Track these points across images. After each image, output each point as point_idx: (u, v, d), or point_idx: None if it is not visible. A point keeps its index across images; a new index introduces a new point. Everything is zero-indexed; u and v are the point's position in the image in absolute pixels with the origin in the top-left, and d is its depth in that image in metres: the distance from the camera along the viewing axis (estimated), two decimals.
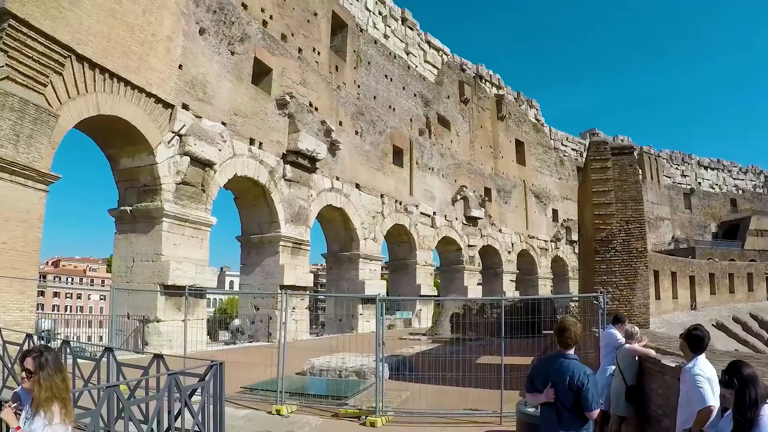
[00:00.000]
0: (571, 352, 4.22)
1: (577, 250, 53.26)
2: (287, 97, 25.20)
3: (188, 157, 19.63)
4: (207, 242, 20.54)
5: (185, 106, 20.02)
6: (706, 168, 69.64)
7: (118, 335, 17.16)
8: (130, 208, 19.17)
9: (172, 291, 18.20)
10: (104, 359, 7.99)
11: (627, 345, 6.78)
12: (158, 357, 7.01)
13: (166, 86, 19.26)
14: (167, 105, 19.33)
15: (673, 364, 5.77)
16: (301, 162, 25.70)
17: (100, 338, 27.90)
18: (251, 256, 25.33)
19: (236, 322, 24.82)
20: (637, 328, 7.13)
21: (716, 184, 69.23)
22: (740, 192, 71.77)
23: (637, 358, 6.82)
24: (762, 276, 35.99)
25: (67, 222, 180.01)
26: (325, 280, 42.91)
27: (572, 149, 56.99)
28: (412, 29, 39.54)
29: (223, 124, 21.64)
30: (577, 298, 22.12)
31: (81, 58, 15.96)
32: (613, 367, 7.09)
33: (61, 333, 19.63)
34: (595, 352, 9.82)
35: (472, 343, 20.58)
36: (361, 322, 28.43)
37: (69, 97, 15.68)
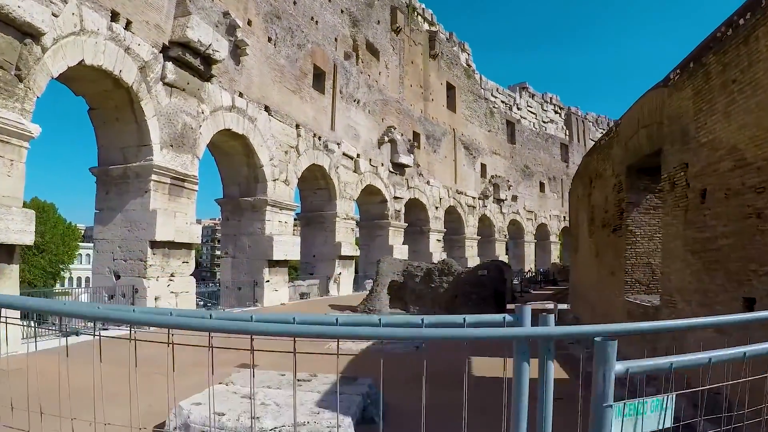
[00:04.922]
0: None
1: (504, 210, 48.63)
2: None
3: None
4: (22, 166, 12.37)
5: None
6: None
7: None
8: None
9: None
10: None
11: None
12: None
13: None
14: None
15: None
16: (191, 61, 17.81)
17: None
18: (110, 197, 17.19)
19: (83, 297, 16.98)
20: None
21: None
22: None
23: None
24: None
25: None
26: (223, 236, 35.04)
27: (502, 101, 51.57)
28: None
29: None
30: None
31: None
32: None
33: None
34: None
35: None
36: (268, 291, 21.18)
37: None
